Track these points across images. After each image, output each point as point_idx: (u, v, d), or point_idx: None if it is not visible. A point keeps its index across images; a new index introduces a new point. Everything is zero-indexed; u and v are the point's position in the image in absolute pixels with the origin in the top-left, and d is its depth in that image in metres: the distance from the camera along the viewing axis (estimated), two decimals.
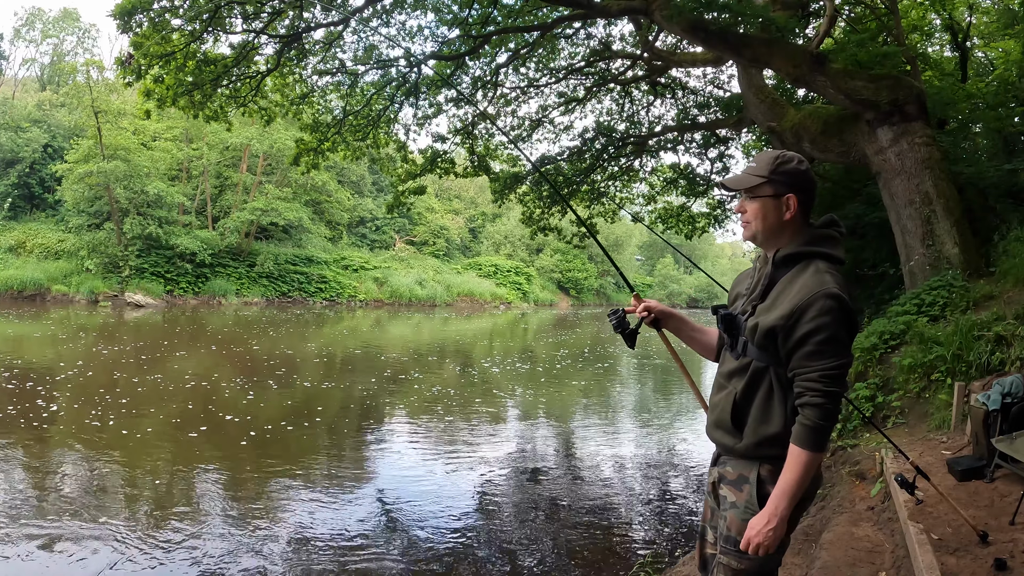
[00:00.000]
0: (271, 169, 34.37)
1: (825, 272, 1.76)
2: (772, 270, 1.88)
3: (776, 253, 1.87)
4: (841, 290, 1.72)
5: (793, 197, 1.83)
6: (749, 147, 13.96)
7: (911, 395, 5.33)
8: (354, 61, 11.60)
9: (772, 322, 1.77)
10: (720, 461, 1.97)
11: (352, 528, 5.10)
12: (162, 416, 8.32)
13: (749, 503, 1.82)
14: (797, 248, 1.83)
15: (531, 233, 15.12)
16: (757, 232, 1.89)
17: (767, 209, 1.85)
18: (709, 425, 1.99)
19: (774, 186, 1.84)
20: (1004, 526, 3.23)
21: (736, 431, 1.87)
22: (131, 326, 20.09)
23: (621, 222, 45.11)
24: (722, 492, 1.91)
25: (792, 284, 1.79)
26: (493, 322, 30.77)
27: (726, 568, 1.86)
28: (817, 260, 1.80)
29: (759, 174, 1.85)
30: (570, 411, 10.44)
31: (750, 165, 1.92)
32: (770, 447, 1.81)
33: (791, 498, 1.73)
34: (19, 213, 31.27)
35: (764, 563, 1.82)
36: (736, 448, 1.87)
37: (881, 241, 8.34)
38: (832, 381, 1.70)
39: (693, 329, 2.20)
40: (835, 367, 1.70)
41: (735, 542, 1.82)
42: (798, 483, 1.72)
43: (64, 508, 5.15)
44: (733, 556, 1.83)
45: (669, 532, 5.30)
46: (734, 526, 1.84)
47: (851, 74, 7.49)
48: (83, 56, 36.75)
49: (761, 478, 1.82)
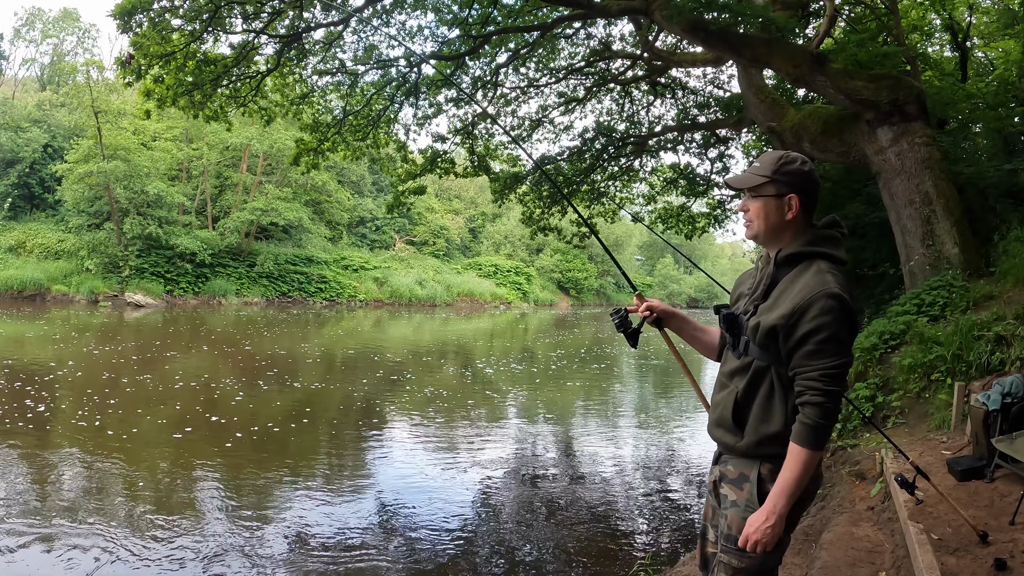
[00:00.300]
0: (271, 169, 34.37)
1: (827, 272, 1.77)
2: (774, 270, 1.89)
3: (778, 253, 1.89)
4: (842, 290, 1.73)
5: (795, 197, 1.85)
6: (749, 147, 13.96)
7: (911, 395, 5.33)
8: (354, 61, 11.61)
9: (773, 321, 1.78)
10: (721, 460, 1.98)
11: (351, 529, 5.10)
12: (161, 416, 8.32)
13: (750, 501, 1.83)
14: (799, 248, 1.85)
15: (531, 233, 15.12)
16: (759, 231, 1.91)
17: (769, 209, 1.87)
18: (711, 424, 2.00)
19: (776, 186, 1.85)
20: (1004, 526, 3.23)
21: (737, 430, 1.88)
22: (131, 326, 20.10)
23: (621, 222, 45.13)
24: (723, 491, 1.92)
25: (794, 284, 1.81)
26: (493, 322, 30.78)
27: (726, 567, 1.87)
28: (819, 260, 1.81)
29: (762, 174, 1.87)
30: (569, 411, 10.44)
31: (754, 164, 1.94)
32: (770, 446, 1.82)
33: (790, 496, 1.74)
34: (19, 213, 31.28)
35: (764, 562, 1.83)
36: (737, 447, 1.88)
37: (881, 241, 8.34)
38: (832, 380, 1.71)
39: (695, 328, 2.21)
40: (835, 366, 1.71)
41: (735, 540, 1.83)
42: (797, 481, 1.74)
43: (61, 508, 5.15)
44: (734, 554, 1.84)
45: (669, 532, 5.30)
46: (734, 524, 1.85)
47: (851, 74, 7.49)
48: (83, 56, 36.77)
49: (761, 477, 1.83)
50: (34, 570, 4.14)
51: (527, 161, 13.26)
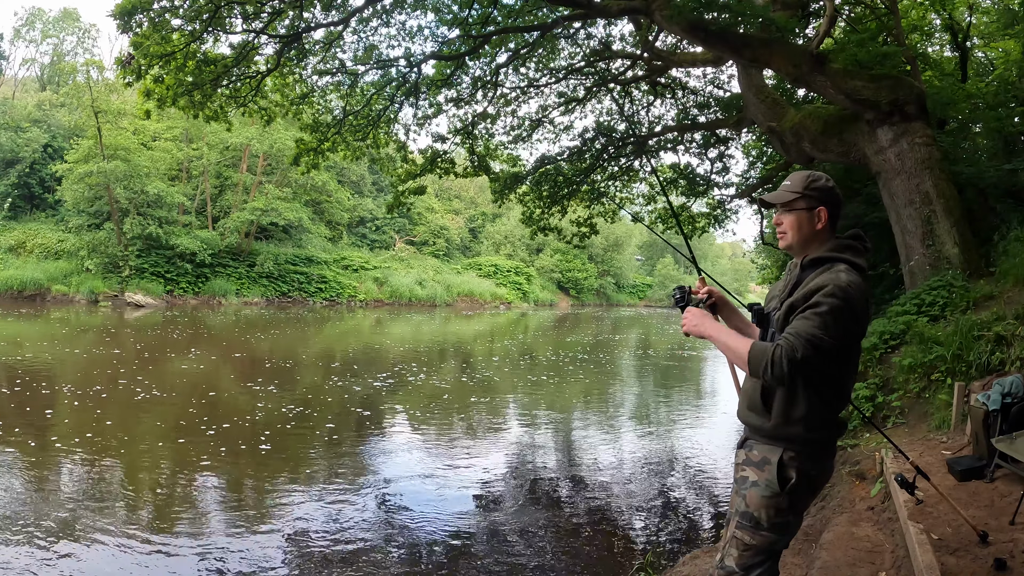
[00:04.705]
0: (271, 169, 34.37)
1: (843, 272, 1.94)
2: (800, 272, 2.09)
3: (804, 258, 2.10)
4: (854, 288, 1.89)
5: (824, 210, 2.07)
6: (749, 147, 13.96)
7: (911, 395, 5.33)
8: (354, 61, 11.60)
9: (793, 300, 1.98)
10: (747, 444, 2.14)
11: (351, 528, 5.09)
12: (160, 416, 8.31)
13: (769, 482, 1.99)
14: (823, 253, 2.04)
15: (531, 233, 15.11)
16: (793, 242, 2.11)
17: (802, 220, 2.09)
18: (740, 408, 2.19)
19: (807, 200, 2.08)
20: (1004, 526, 3.23)
21: (766, 412, 2.04)
22: (131, 326, 20.09)
23: (621, 222, 45.15)
24: (744, 472, 2.08)
25: (814, 279, 1.99)
26: (493, 322, 30.78)
27: (739, 542, 2.05)
28: (840, 263, 1.99)
29: (794, 190, 2.09)
30: (569, 411, 10.44)
31: (785, 183, 2.15)
32: (796, 426, 1.98)
33: (719, 337, 2.06)
34: (19, 213, 31.28)
35: (774, 542, 2.03)
36: (764, 427, 2.04)
37: (881, 241, 8.34)
38: (808, 345, 1.82)
39: (741, 320, 2.42)
40: (816, 336, 1.83)
41: (751, 517, 2.02)
42: (727, 344, 2.02)
43: (60, 508, 5.15)
44: (747, 531, 2.03)
45: (669, 532, 5.29)
46: (752, 502, 2.02)
47: (851, 74, 7.49)
48: (83, 56, 36.80)
49: (783, 462, 1.99)
50: (34, 571, 4.14)
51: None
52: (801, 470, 1.98)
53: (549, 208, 14.08)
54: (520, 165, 13.83)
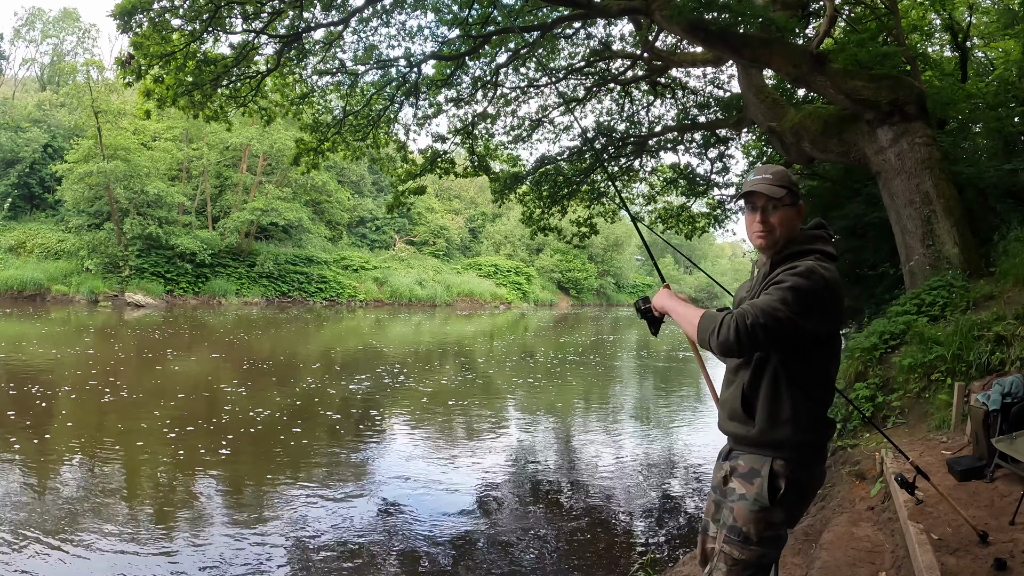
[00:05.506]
0: (271, 169, 34.37)
1: (814, 261, 1.89)
2: (769, 270, 2.01)
3: (776, 255, 2.01)
4: (823, 271, 1.84)
5: (802, 205, 2.03)
6: (749, 147, 13.95)
7: (911, 395, 5.33)
8: (354, 61, 11.59)
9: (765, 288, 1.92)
10: (732, 455, 2.04)
11: (351, 529, 5.09)
12: (160, 416, 8.31)
13: (759, 495, 1.89)
14: (795, 248, 1.98)
15: (531, 233, 15.10)
16: (780, 238, 2.00)
17: (791, 217, 2.01)
18: (722, 419, 2.08)
19: (791, 196, 2.00)
20: (1004, 526, 3.23)
21: (748, 419, 1.95)
22: (131, 326, 20.09)
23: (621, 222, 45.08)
24: (732, 485, 1.98)
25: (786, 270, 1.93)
26: (493, 322, 30.77)
27: (727, 557, 1.94)
28: (810, 255, 1.94)
29: (782, 185, 1.98)
30: (569, 411, 10.44)
31: (766, 177, 2.00)
32: (784, 428, 1.89)
33: (675, 310, 2.10)
34: (19, 213, 31.28)
35: (763, 555, 1.92)
36: (749, 435, 1.95)
37: (881, 241, 8.34)
38: (762, 313, 1.76)
39: None
40: (773, 307, 1.77)
41: (740, 532, 1.91)
42: (683, 314, 2.03)
43: (60, 508, 5.15)
44: (736, 545, 1.92)
45: (669, 532, 5.29)
46: (741, 517, 1.92)
47: (851, 74, 7.48)
48: (83, 56, 36.74)
49: (774, 472, 1.89)
50: (34, 571, 4.13)
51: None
52: (791, 479, 1.88)
53: (549, 208, 14.08)
54: (520, 165, 13.82)
